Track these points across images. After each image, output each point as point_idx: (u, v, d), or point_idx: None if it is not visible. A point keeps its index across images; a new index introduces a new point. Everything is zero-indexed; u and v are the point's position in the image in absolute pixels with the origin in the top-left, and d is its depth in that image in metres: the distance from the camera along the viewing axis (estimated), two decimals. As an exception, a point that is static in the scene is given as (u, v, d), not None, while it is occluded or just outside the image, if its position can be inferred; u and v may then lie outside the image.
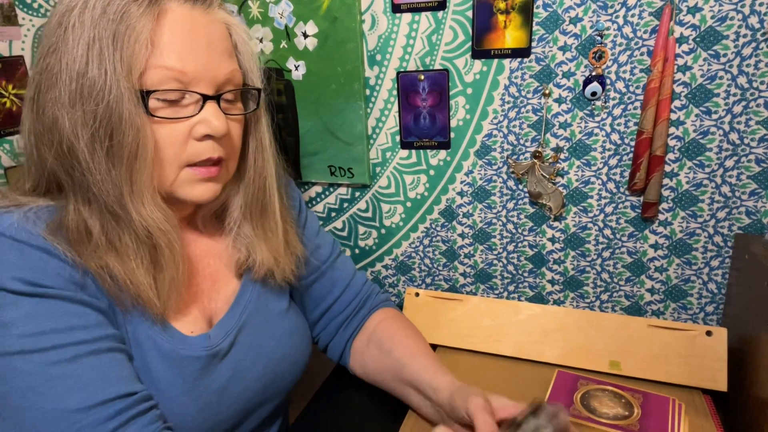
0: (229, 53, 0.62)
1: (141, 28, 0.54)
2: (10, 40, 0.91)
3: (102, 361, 0.54)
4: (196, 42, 0.57)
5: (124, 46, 0.53)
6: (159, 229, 0.58)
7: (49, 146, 0.56)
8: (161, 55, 0.55)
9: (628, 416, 0.71)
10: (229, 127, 0.62)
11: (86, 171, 0.55)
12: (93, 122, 0.54)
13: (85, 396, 0.51)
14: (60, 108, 0.54)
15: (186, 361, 0.61)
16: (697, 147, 0.81)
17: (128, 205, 0.56)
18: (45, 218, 0.56)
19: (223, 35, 0.61)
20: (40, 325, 0.52)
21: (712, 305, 0.88)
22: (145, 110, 0.55)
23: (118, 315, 0.59)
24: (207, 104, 0.59)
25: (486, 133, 0.90)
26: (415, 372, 0.72)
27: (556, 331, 0.86)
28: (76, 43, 0.53)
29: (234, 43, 0.63)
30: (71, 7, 0.55)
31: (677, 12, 0.76)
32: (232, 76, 0.61)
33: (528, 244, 0.95)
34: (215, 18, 0.61)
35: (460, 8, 0.85)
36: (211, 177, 0.62)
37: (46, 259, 0.54)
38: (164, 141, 0.58)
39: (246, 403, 0.68)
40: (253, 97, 0.67)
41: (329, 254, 0.81)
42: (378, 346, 0.79)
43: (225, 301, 0.69)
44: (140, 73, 0.55)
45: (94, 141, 0.54)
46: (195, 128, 0.59)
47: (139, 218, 0.56)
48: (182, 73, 0.56)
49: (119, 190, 0.55)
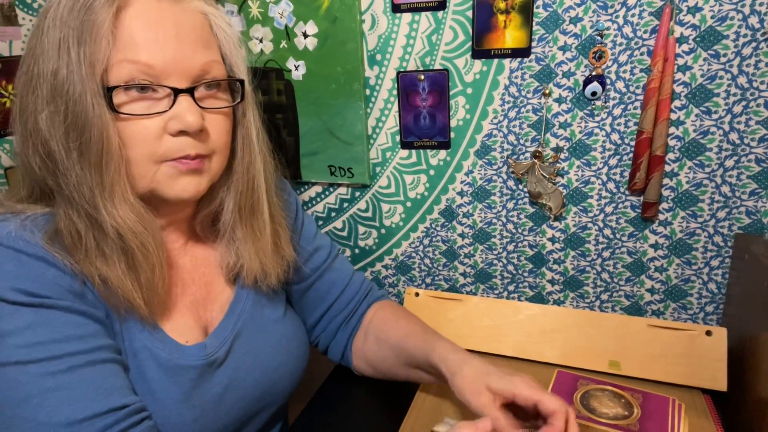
0: (205, 43, 0.59)
1: (101, 23, 0.52)
2: (10, 40, 0.91)
3: (97, 373, 0.53)
4: (162, 33, 0.55)
5: (86, 42, 0.52)
6: (131, 231, 0.56)
7: (34, 151, 0.55)
8: (124, 48, 0.54)
9: (628, 416, 0.71)
10: (211, 121, 0.59)
11: (64, 173, 0.54)
12: (64, 121, 0.53)
13: (78, 409, 0.51)
14: (39, 110, 0.54)
15: (182, 370, 0.61)
16: (697, 147, 0.81)
17: (99, 206, 0.54)
18: (42, 226, 0.56)
19: (196, 24, 0.58)
20: (38, 335, 0.51)
21: (712, 305, 0.88)
22: (110, 107, 0.54)
23: (116, 324, 0.59)
24: (180, 98, 0.56)
25: (486, 133, 0.90)
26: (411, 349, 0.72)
27: (556, 331, 0.86)
28: (49, 44, 0.53)
29: (214, 33, 0.61)
30: (47, 8, 0.54)
31: (677, 12, 0.76)
32: (209, 68, 0.59)
33: (528, 244, 0.95)
34: (187, 7, 0.58)
35: (460, 8, 0.85)
36: (191, 169, 0.59)
37: (45, 269, 0.53)
38: (135, 138, 0.55)
39: (243, 410, 0.68)
40: (237, 89, 0.64)
41: (327, 256, 0.81)
42: (375, 336, 0.79)
43: (220, 310, 0.69)
44: (104, 69, 0.53)
45: (68, 140, 0.53)
46: (168, 124, 0.56)
47: (110, 219, 0.55)
48: (149, 66, 0.54)
49: (92, 191, 0.54)
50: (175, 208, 0.64)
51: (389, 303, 0.85)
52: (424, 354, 0.70)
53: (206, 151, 0.60)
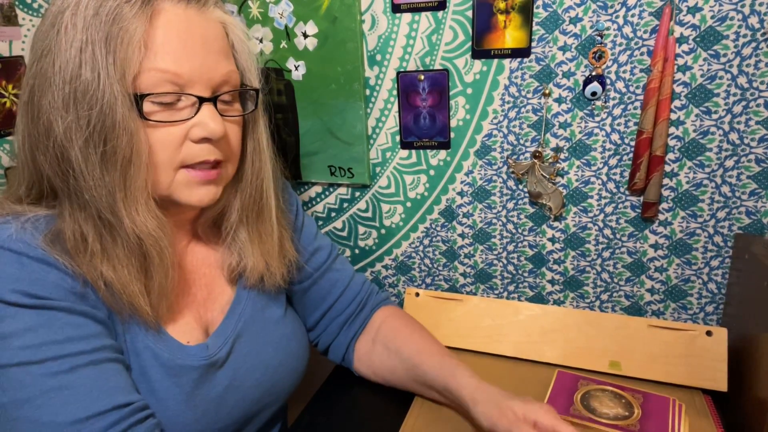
0: (225, 53, 0.60)
1: (134, 30, 0.52)
2: (10, 40, 0.91)
3: (99, 372, 0.53)
4: (191, 43, 0.56)
5: (117, 49, 0.52)
6: (151, 236, 0.56)
7: (44, 151, 0.55)
8: (155, 57, 0.54)
9: (628, 416, 0.71)
10: (227, 129, 0.61)
11: (79, 176, 0.54)
12: (87, 127, 0.53)
13: (81, 408, 0.51)
14: (54, 113, 0.53)
15: (184, 370, 0.61)
16: (697, 147, 0.81)
17: (121, 211, 0.55)
18: (43, 228, 0.55)
19: (218, 35, 0.60)
20: (40, 336, 0.51)
21: (712, 305, 0.88)
22: (140, 114, 0.54)
23: (117, 325, 0.59)
24: (203, 106, 0.58)
25: (486, 133, 0.90)
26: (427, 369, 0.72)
27: (556, 331, 0.86)
28: (68, 45, 0.52)
29: (231, 42, 0.62)
30: (63, 8, 0.53)
31: (677, 12, 0.76)
32: (228, 77, 0.60)
33: (528, 244, 0.95)
34: (211, 17, 0.59)
35: (460, 8, 0.85)
36: (210, 180, 0.60)
37: (46, 271, 0.53)
38: (159, 145, 0.56)
39: (244, 410, 0.68)
40: (251, 97, 0.66)
41: (327, 257, 0.81)
42: (384, 345, 0.79)
43: (220, 311, 0.69)
44: (134, 76, 0.53)
45: (88, 146, 0.53)
46: (191, 131, 0.58)
47: (131, 225, 0.55)
48: (177, 75, 0.55)
49: (112, 197, 0.54)
50: (183, 209, 0.65)
51: (397, 311, 0.85)
52: (442, 379, 0.71)
53: (223, 157, 0.61)
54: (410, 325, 0.80)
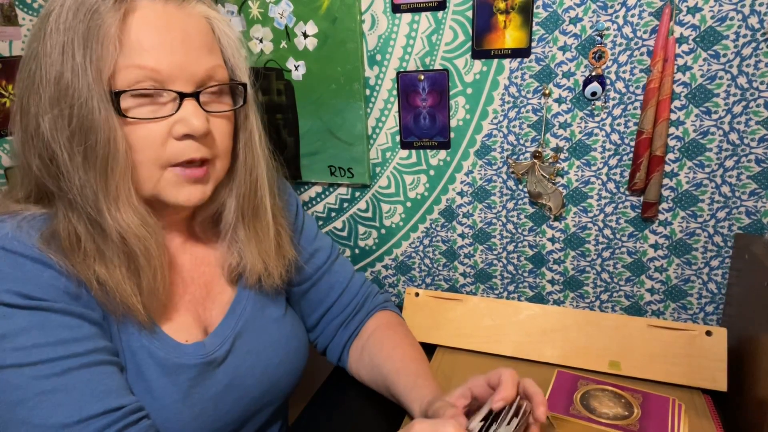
0: (209, 48, 0.59)
1: (107, 28, 0.52)
2: (10, 40, 0.91)
3: (92, 375, 0.53)
4: (170, 38, 0.55)
5: (93, 47, 0.52)
6: (134, 235, 0.56)
7: (34, 153, 0.55)
8: (131, 54, 0.54)
9: (627, 416, 0.71)
10: (215, 124, 0.60)
11: (66, 176, 0.54)
12: (69, 125, 0.53)
13: (73, 411, 0.51)
14: (42, 113, 0.53)
15: (180, 368, 0.61)
16: (697, 147, 0.81)
17: (103, 210, 0.55)
18: (38, 227, 0.55)
19: (201, 29, 0.59)
20: (33, 338, 0.51)
21: (712, 305, 0.88)
22: (117, 112, 0.54)
23: (112, 325, 0.58)
24: (185, 102, 0.57)
25: (486, 133, 0.90)
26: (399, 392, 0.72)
27: (556, 331, 0.86)
28: (53, 47, 0.53)
29: (217, 37, 0.61)
30: (50, 11, 0.54)
31: (677, 12, 0.76)
32: (213, 72, 0.59)
33: (528, 244, 0.95)
34: (192, 12, 0.59)
35: (460, 8, 0.85)
36: (198, 178, 0.60)
37: (41, 271, 0.53)
38: (141, 142, 0.56)
39: (243, 409, 0.68)
40: (240, 92, 0.65)
41: (327, 257, 0.81)
42: (369, 357, 0.79)
43: (220, 310, 0.69)
44: (111, 74, 0.53)
45: (72, 144, 0.53)
46: (174, 128, 0.57)
47: (114, 224, 0.55)
48: (156, 71, 0.55)
49: (96, 195, 0.54)
50: (176, 210, 0.65)
51: (390, 319, 0.83)
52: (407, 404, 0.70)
53: (210, 155, 0.60)
54: (395, 338, 0.79)
